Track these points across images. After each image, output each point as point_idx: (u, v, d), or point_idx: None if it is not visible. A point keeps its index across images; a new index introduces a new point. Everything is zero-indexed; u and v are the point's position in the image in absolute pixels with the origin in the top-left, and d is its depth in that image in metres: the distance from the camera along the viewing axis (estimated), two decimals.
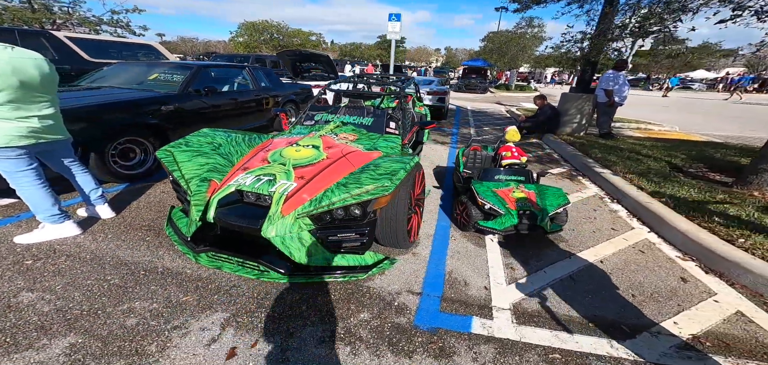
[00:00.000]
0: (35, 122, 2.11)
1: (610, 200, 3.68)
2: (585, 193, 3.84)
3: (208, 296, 1.84)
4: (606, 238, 2.80)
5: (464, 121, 9.10)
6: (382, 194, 1.95)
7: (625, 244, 2.71)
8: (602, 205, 3.53)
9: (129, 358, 1.40)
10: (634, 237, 2.83)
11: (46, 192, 2.26)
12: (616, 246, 2.68)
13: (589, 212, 3.33)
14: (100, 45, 6.92)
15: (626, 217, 3.24)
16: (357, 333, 1.67)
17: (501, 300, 1.99)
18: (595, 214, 3.28)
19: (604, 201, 3.66)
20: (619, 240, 2.77)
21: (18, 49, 2.04)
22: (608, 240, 2.76)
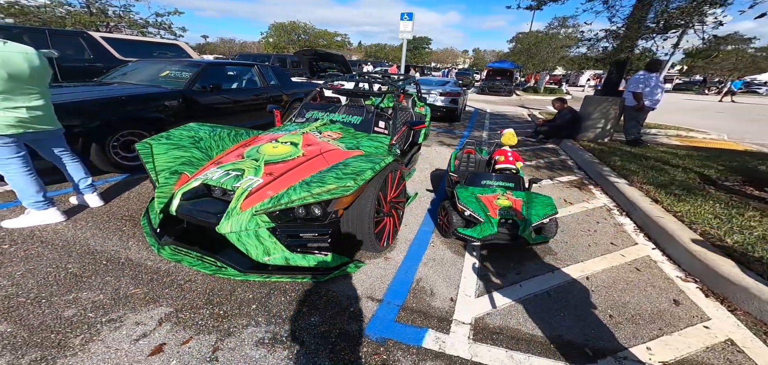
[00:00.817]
0: (23, 112, 2.22)
1: (619, 213, 3.37)
2: (591, 204, 3.55)
3: (158, 289, 1.84)
4: (601, 253, 2.55)
5: (479, 123, 8.80)
6: (342, 194, 1.87)
7: (620, 261, 2.45)
8: (607, 218, 3.23)
9: (47, 350, 1.40)
10: (633, 254, 2.56)
11: (32, 180, 2.37)
12: (609, 262, 2.43)
13: (591, 224, 3.05)
14: (130, 44, 7.38)
15: (632, 232, 2.94)
16: (300, 338, 1.60)
17: (464, 313, 1.84)
18: (597, 227, 3.00)
19: (612, 213, 3.35)
20: (616, 256, 2.51)
21: (10, 43, 2.15)
22: (603, 256, 2.51)
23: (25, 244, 2.20)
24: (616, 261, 2.44)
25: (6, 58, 2.07)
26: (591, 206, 3.50)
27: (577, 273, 2.26)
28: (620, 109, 6.42)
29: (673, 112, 13.21)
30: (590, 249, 2.60)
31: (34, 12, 17.85)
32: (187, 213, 2.02)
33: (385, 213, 2.35)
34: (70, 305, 1.67)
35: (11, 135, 2.20)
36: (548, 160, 5.37)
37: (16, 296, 1.71)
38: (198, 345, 1.49)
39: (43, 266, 1.98)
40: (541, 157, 5.50)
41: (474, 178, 2.84)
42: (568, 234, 2.82)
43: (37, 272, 1.92)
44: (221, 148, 2.72)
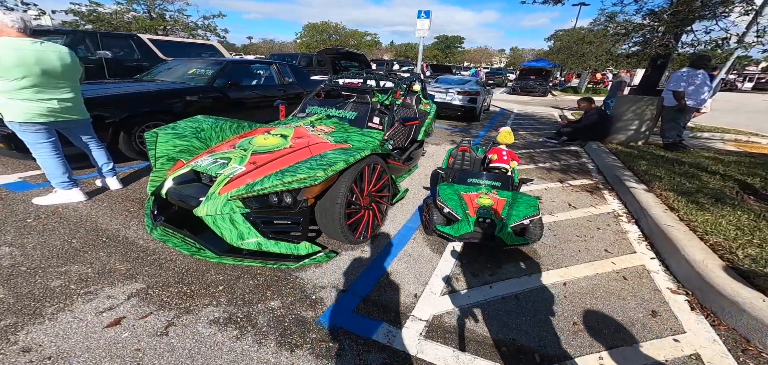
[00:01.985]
0: (54, 104, 2.50)
1: (627, 220, 3.10)
2: (598, 210, 3.29)
3: (140, 266, 2.00)
4: (589, 260, 2.38)
5: (500, 124, 8.46)
6: (310, 183, 1.92)
7: (608, 268, 2.27)
8: (612, 224, 2.99)
9: (21, 317, 1.54)
10: (626, 263, 2.35)
11: (60, 163, 2.67)
12: (596, 269, 2.25)
13: (589, 230, 2.84)
14: (172, 45, 8.03)
15: (634, 240, 2.70)
16: (255, 320, 1.66)
17: (424, 310, 1.81)
18: (595, 233, 2.79)
19: (619, 220, 3.09)
20: (605, 264, 2.32)
21: (47, 43, 2.43)
22: (590, 262, 2.34)
23: (45, 219, 2.48)
24: (603, 269, 2.26)
25: (41, 55, 2.34)
26: (597, 211, 3.25)
27: (555, 279, 2.12)
28: (658, 110, 5.85)
29: (740, 112, 11.78)
30: (579, 255, 2.42)
31: (108, 18, 20.31)
32: (175, 196, 2.17)
33: (362, 206, 2.36)
34: (59, 277, 1.87)
35: (43, 123, 2.49)
36: (565, 162, 5.06)
37: (20, 265, 1.94)
38: (155, 320, 1.60)
39: (52, 239, 2.23)
40: (557, 159, 5.19)
41: (461, 175, 2.76)
42: (560, 239, 2.65)
43: (46, 245, 2.17)
44: (220, 139, 2.87)
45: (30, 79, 2.30)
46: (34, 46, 2.31)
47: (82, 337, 1.46)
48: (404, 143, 4.01)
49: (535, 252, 2.43)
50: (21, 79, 2.26)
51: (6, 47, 2.18)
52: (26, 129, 2.46)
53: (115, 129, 3.69)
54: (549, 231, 2.76)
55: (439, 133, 6.73)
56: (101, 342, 1.43)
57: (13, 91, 2.29)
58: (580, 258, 2.40)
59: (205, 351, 1.44)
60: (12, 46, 2.20)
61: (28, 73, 2.28)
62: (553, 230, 2.80)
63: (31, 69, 2.28)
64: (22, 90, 2.30)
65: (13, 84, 2.26)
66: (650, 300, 1.98)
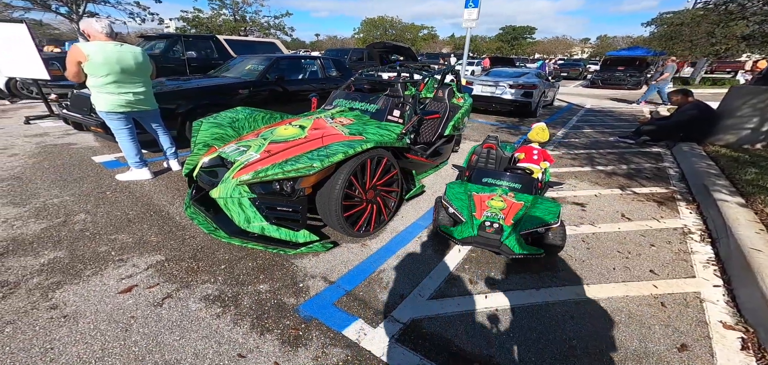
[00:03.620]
0: (131, 97, 2.99)
1: (700, 238, 2.49)
2: (663, 223, 2.72)
3: (167, 241, 2.28)
4: (626, 279, 1.98)
5: (562, 120, 7.55)
6: (306, 173, 1.96)
7: (646, 291, 1.85)
8: (674, 242, 2.44)
9: (66, 276, 1.84)
10: (673, 287, 1.89)
11: (134, 145, 3.19)
12: (628, 290, 1.86)
13: (640, 246, 2.37)
14: (241, 44, 9.02)
15: (699, 263, 2.16)
16: (240, 301, 1.75)
17: (405, 312, 1.72)
18: (647, 251, 2.31)
19: (688, 238, 2.50)
20: (644, 286, 1.90)
21: (125, 45, 2.90)
22: (625, 282, 1.94)
23: (119, 193, 3.00)
24: (637, 291, 1.85)
25: (121, 55, 2.81)
26: (659, 226, 2.68)
27: (568, 296, 1.82)
28: None
29: None
30: (611, 273, 2.03)
31: (205, 22, 23.95)
32: (202, 179, 2.42)
33: (365, 199, 2.33)
34: (108, 243, 2.23)
35: (123, 112, 2.99)
36: (636, 166, 4.28)
37: (86, 230, 2.37)
38: (158, 291, 1.79)
39: (116, 210, 2.68)
40: (626, 162, 4.42)
41: (478, 173, 2.53)
42: (594, 253, 2.25)
43: (111, 214, 2.61)
44: (252, 128, 3.09)
45: (112, 76, 2.78)
46: (115, 48, 2.77)
47: (98, 300, 1.70)
48: (431, 138, 3.83)
49: (554, 265, 2.11)
50: (106, 76, 2.74)
51: (96, 50, 2.66)
52: (111, 117, 2.97)
53: (183, 119, 4.26)
54: (581, 244, 2.37)
55: (482, 129, 6.29)
56: (109, 307, 1.66)
57: (101, 86, 2.79)
58: (613, 276, 2.01)
59: (185, 324, 1.58)
60: (100, 48, 2.68)
61: (111, 71, 2.75)
62: (588, 242, 2.40)
63: (113, 67, 2.74)
64: (107, 85, 2.79)
65: (100, 80, 2.75)
66: (686, 332, 1.57)
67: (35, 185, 3.10)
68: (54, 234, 2.30)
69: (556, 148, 5.08)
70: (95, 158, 3.92)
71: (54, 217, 2.52)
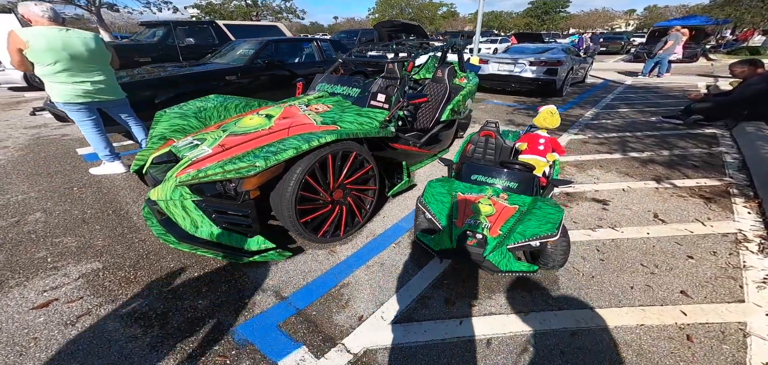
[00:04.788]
0: (88, 86, 2.87)
1: (758, 250, 2.03)
2: (709, 227, 2.27)
3: (113, 246, 2.12)
4: (646, 302, 1.61)
5: (592, 100, 6.85)
6: (246, 174, 1.72)
7: (669, 320, 1.49)
8: (721, 252, 2.00)
9: None
10: (711, 315, 1.51)
11: (101, 138, 3.09)
12: (646, 318, 1.51)
13: (673, 258, 1.96)
14: (241, 28, 8.89)
15: (753, 284, 1.73)
16: (168, 321, 1.55)
17: (359, 339, 1.46)
18: (683, 264, 1.91)
19: (742, 246, 2.06)
20: (668, 312, 1.53)
21: (73, 30, 2.76)
22: (643, 307, 1.57)
23: (86, 188, 2.91)
24: (659, 319, 1.49)
25: (67, 41, 2.67)
26: (703, 231, 2.23)
27: (564, 324, 1.49)
28: None
29: None
30: (627, 294, 1.66)
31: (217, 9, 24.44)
32: (151, 177, 2.24)
33: (329, 200, 2.06)
34: (49, 247, 2.09)
35: (80, 103, 2.88)
36: (681, 151, 3.72)
37: (34, 232, 2.27)
38: (79, 307, 1.61)
39: (74, 208, 2.57)
40: (668, 147, 3.86)
41: (468, 168, 2.18)
42: (609, 266, 1.87)
43: (67, 214, 2.50)
44: (222, 118, 2.89)
45: (61, 64, 2.64)
46: (60, 33, 2.62)
47: (7, 317, 1.56)
48: (428, 124, 3.48)
49: (555, 283, 1.75)
50: (53, 63, 2.61)
51: (36, 35, 2.52)
52: (70, 109, 2.87)
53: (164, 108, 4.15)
54: (595, 253, 1.99)
55: (497, 112, 5.80)
56: (15, 325, 1.50)
57: (51, 75, 2.66)
58: (628, 298, 1.64)
59: (92, 348, 1.39)
60: (41, 33, 2.54)
61: (59, 58, 2.61)
62: (603, 252, 2.01)
63: (59, 54, 2.60)
64: (57, 74, 2.66)
65: (48, 68, 2.63)
66: None
67: (9, 180, 3.08)
68: (0, 235, 2.22)
69: (581, 131, 4.55)
70: (79, 150, 3.90)
71: (9, 216, 2.45)
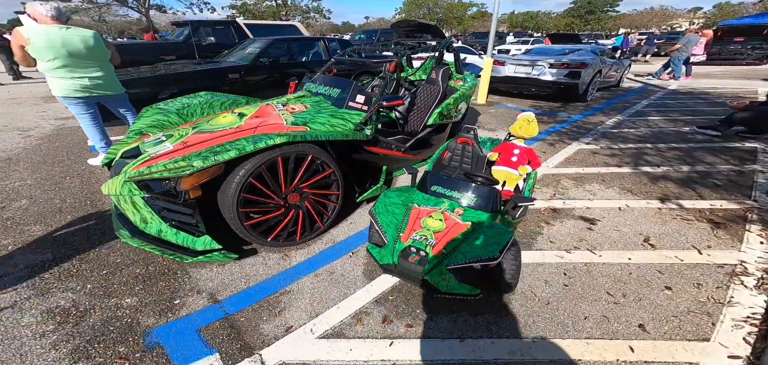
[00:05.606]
0: (86, 81, 3.07)
1: (755, 285, 1.80)
2: (704, 256, 2.05)
3: (73, 238, 2.23)
4: (595, 336, 1.47)
5: (622, 106, 6.39)
6: (181, 173, 1.75)
7: (612, 356, 1.34)
8: (707, 285, 1.81)
9: None
10: (658, 353, 1.34)
11: (98, 130, 3.30)
12: (589, 352, 1.37)
13: (647, 287, 1.79)
14: (260, 28, 9.21)
15: (730, 322, 1.54)
16: (87, 318, 1.59)
17: (278, 352, 1.45)
18: (656, 296, 1.72)
19: (735, 280, 1.84)
20: (614, 347, 1.39)
21: (72, 28, 2.97)
22: (592, 340, 1.44)
23: (77, 178, 3.12)
24: (601, 355, 1.35)
25: (66, 38, 2.88)
26: (697, 259, 2.00)
27: (499, 353, 1.40)
28: None
29: None
30: (580, 324, 1.53)
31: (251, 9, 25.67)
32: (115, 170, 2.34)
33: (282, 204, 2.06)
34: (16, 235, 2.24)
35: (78, 97, 3.09)
36: (706, 168, 3.38)
37: (11, 219, 2.44)
38: (7, 298, 1.69)
39: (58, 197, 2.76)
40: (690, 162, 3.53)
41: (431, 179, 2.09)
42: (571, 294, 1.73)
43: (50, 202, 2.69)
44: (205, 115, 2.97)
45: (60, 60, 2.85)
46: (60, 31, 2.83)
47: None
48: (418, 128, 3.40)
49: (505, 308, 1.64)
50: (53, 59, 2.82)
51: (38, 33, 2.74)
52: (69, 102, 3.08)
53: None
54: (560, 277, 1.85)
55: (507, 116, 5.56)
56: None
57: (51, 70, 2.88)
58: (578, 329, 1.51)
59: None
60: (42, 31, 2.75)
61: (58, 55, 2.82)
62: (570, 276, 1.85)
63: (58, 51, 2.81)
64: (57, 69, 2.88)
65: (48, 64, 2.84)
66: None
67: (17, 167, 3.37)
68: None
69: (594, 140, 4.25)
70: (90, 142, 4.19)
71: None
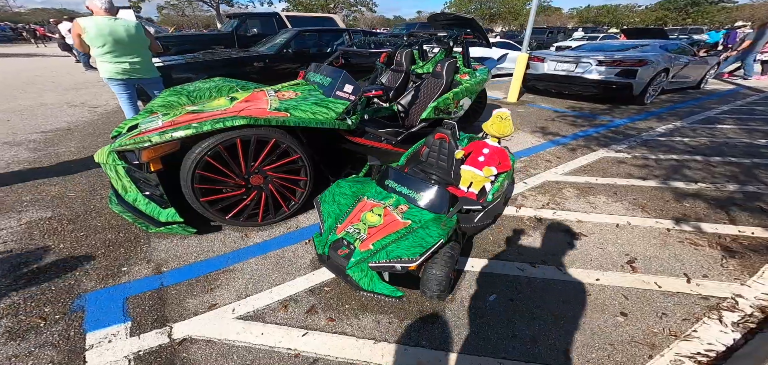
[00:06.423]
0: (127, 66, 3.53)
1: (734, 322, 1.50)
2: (692, 287, 1.81)
3: (76, 200, 2.60)
4: (508, 356, 1.40)
5: (690, 110, 5.56)
6: (140, 145, 1.93)
7: None
8: (670, 315, 1.60)
9: None
10: None
11: (133, 108, 3.76)
12: None
13: (598, 313, 1.61)
14: (300, 19, 9.67)
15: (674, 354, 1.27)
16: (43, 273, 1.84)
17: (189, 327, 1.54)
18: (603, 320, 1.55)
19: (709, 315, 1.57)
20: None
21: (119, 20, 3.42)
22: (504, 360, 1.37)
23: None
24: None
25: (113, 28, 3.33)
26: (679, 288, 1.78)
27: (406, 361, 1.39)
28: None
29: None
30: (502, 344, 1.46)
31: (303, 4, 27.18)
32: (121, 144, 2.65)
33: (243, 184, 2.17)
34: (34, 191, 2.70)
35: (120, 79, 3.56)
36: (760, 188, 2.84)
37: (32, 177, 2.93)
38: None
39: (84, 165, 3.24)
40: (740, 181, 3.01)
41: (387, 173, 2.05)
42: (515, 311, 1.60)
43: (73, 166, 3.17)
44: (211, 98, 3.22)
45: (108, 46, 3.30)
46: (108, 21, 3.28)
47: None
48: (415, 121, 3.34)
49: (437, 315, 1.60)
50: (102, 46, 3.29)
51: (91, 24, 3.21)
52: (111, 83, 3.57)
53: None
54: (510, 292, 1.72)
55: (535, 116, 5.17)
56: None
57: (100, 56, 3.36)
58: (495, 347, 1.43)
59: None
60: (94, 22, 3.21)
61: (105, 42, 3.28)
62: (521, 291, 1.74)
63: (106, 38, 3.26)
64: (104, 55, 3.35)
65: (98, 50, 3.32)
66: None
67: (69, 136, 4.01)
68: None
69: (628, 149, 3.78)
70: None
71: (38, 163, 3.19)
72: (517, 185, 2.90)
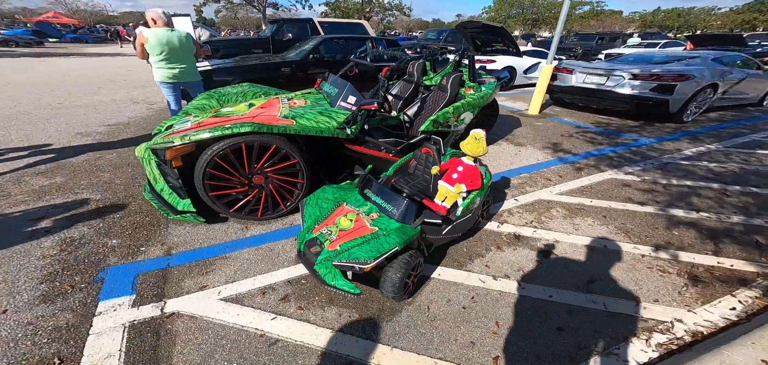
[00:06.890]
0: (176, 71, 4.11)
1: (666, 343, 1.51)
2: (640, 309, 1.82)
3: (121, 192, 3.09)
4: (445, 357, 1.56)
5: (735, 132, 5.17)
6: (166, 145, 2.34)
7: None
8: (600, 334, 1.57)
9: None
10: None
11: (178, 109, 4.34)
12: None
13: (537, 325, 1.70)
14: (331, 25, 10.16)
15: None
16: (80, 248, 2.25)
17: (179, 304, 1.84)
18: (540, 332, 1.60)
19: (641, 335, 1.57)
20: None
21: (175, 31, 3.99)
22: (439, 360, 1.55)
23: None
24: None
25: (169, 38, 3.90)
26: (625, 309, 1.81)
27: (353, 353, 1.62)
28: None
29: None
30: (443, 345, 1.64)
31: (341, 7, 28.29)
32: None
33: (247, 183, 2.51)
34: (92, 177, 3.25)
35: (169, 82, 4.14)
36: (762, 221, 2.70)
37: (99, 166, 3.52)
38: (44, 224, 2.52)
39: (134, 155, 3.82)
40: (749, 213, 2.85)
41: (367, 183, 2.27)
42: (465, 318, 1.80)
43: (127, 156, 3.76)
44: (236, 102, 3.66)
45: (164, 54, 3.89)
46: (166, 33, 3.85)
47: None
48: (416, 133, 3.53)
49: (395, 314, 1.82)
50: (159, 54, 3.88)
51: (152, 35, 3.79)
52: (162, 86, 4.16)
53: None
54: (464, 299, 1.91)
55: (553, 131, 5.11)
56: None
57: (156, 62, 3.95)
58: (435, 348, 1.63)
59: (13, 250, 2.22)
60: (154, 33, 3.80)
61: (162, 50, 3.86)
62: (475, 299, 1.94)
63: (163, 47, 3.85)
64: (160, 61, 3.94)
65: (156, 58, 3.91)
66: None
67: (127, 130, 4.72)
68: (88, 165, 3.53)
69: (643, 171, 3.68)
70: None
71: (91, 151, 3.81)
72: (507, 201, 3.00)
